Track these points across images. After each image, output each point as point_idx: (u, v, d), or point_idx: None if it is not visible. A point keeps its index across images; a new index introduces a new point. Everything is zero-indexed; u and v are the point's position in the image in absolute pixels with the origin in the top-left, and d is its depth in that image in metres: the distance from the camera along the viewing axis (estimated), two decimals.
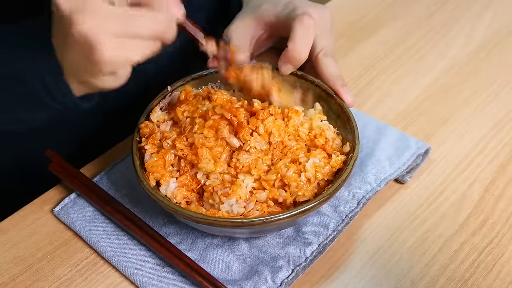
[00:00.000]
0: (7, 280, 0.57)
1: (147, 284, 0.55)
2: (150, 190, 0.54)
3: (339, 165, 0.57)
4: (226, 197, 0.54)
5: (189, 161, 0.57)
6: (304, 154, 0.57)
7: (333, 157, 0.57)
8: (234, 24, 0.70)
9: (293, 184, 0.55)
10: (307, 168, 0.56)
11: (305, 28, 0.64)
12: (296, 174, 0.56)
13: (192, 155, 0.56)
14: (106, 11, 0.44)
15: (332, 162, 0.57)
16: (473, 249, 0.59)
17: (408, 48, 0.84)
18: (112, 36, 0.45)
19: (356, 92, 0.77)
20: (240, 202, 0.55)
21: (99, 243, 0.59)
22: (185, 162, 0.57)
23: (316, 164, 0.56)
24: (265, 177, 0.56)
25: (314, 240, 0.58)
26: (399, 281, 0.57)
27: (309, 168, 0.56)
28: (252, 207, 0.55)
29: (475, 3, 0.91)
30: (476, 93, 0.77)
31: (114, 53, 0.45)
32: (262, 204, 0.55)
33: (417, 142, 0.66)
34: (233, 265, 0.57)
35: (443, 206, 0.63)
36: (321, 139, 0.59)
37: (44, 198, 0.64)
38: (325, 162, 0.57)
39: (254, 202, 0.55)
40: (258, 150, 0.57)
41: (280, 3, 0.70)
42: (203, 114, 0.58)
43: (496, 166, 0.67)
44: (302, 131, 0.59)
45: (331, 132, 0.60)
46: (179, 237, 0.59)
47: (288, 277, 0.55)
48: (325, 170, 0.57)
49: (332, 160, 0.57)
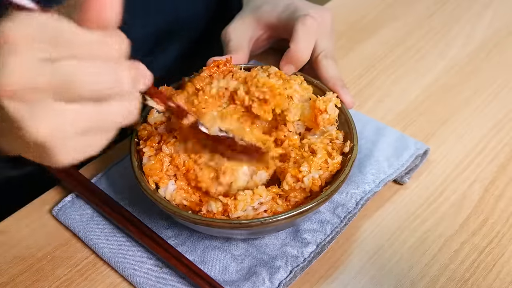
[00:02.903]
0: (7, 280, 0.57)
1: (145, 285, 0.55)
2: (149, 191, 0.54)
3: (337, 168, 0.57)
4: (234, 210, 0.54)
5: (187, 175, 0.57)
6: (306, 161, 0.56)
7: (329, 162, 0.56)
8: (233, 24, 0.70)
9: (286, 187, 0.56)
10: (305, 182, 0.55)
11: (307, 29, 0.64)
12: (293, 179, 0.56)
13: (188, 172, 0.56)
14: (65, 112, 0.37)
15: (330, 167, 0.56)
16: (473, 249, 0.59)
17: (408, 48, 0.84)
18: (71, 137, 0.38)
19: (356, 92, 0.77)
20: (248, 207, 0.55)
21: (97, 243, 0.59)
22: (181, 172, 0.57)
23: (315, 178, 0.55)
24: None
25: (313, 241, 0.58)
26: (399, 281, 0.57)
27: (306, 182, 0.55)
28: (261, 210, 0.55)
29: (475, 3, 0.91)
30: (476, 93, 0.77)
31: (72, 156, 0.39)
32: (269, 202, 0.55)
33: (416, 143, 0.66)
34: (231, 266, 0.57)
35: (443, 206, 0.63)
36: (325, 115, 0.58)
37: (44, 198, 0.64)
38: (324, 168, 0.56)
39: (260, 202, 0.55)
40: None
41: (280, 4, 0.70)
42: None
43: (496, 166, 0.67)
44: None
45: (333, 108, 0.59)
46: (177, 238, 0.59)
47: (286, 278, 0.55)
48: (324, 176, 0.56)
49: (329, 164, 0.56)
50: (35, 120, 0.36)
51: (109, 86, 0.38)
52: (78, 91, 0.37)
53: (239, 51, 0.67)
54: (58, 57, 0.36)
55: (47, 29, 0.36)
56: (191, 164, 0.56)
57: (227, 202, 0.53)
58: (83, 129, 0.38)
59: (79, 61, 0.37)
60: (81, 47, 0.37)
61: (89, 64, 0.37)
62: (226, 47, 0.69)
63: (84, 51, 0.37)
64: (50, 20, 0.37)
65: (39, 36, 0.36)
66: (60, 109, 0.37)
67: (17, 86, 0.35)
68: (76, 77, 0.36)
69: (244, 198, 0.54)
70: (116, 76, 0.38)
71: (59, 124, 0.37)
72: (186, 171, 0.56)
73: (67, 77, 0.36)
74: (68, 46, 0.37)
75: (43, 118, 0.36)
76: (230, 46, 0.68)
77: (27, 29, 0.36)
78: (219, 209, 0.54)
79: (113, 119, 0.39)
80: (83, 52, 0.37)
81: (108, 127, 0.40)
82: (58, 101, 0.37)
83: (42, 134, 0.37)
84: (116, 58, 0.38)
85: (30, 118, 0.36)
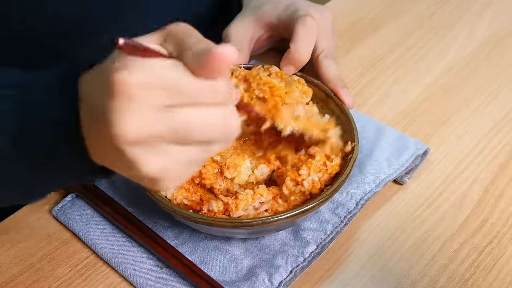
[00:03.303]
0: (7, 280, 0.57)
1: (145, 285, 0.55)
2: (149, 190, 0.54)
3: (336, 170, 0.57)
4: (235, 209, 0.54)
5: None
6: (305, 164, 0.56)
7: (327, 164, 0.56)
8: (233, 24, 0.70)
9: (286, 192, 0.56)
10: (305, 186, 0.55)
11: (307, 29, 0.64)
12: (292, 182, 0.56)
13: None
14: (175, 152, 0.39)
15: (329, 169, 0.56)
16: (473, 249, 0.59)
17: (408, 48, 0.84)
18: (178, 170, 0.40)
19: (356, 92, 0.77)
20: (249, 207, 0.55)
21: (97, 243, 0.59)
22: None
23: (315, 181, 0.56)
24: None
25: (313, 241, 0.58)
26: (399, 281, 0.57)
27: (306, 185, 0.55)
28: (262, 209, 0.55)
29: (475, 3, 0.91)
30: (476, 93, 0.77)
31: (175, 183, 0.42)
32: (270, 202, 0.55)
33: (416, 143, 0.66)
34: (231, 266, 0.57)
35: (443, 206, 0.63)
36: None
37: (44, 198, 0.64)
38: (323, 171, 0.56)
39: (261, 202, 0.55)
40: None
41: (281, 4, 0.70)
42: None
43: (496, 166, 0.67)
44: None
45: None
46: (178, 238, 0.59)
47: (286, 278, 0.55)
48: (323, 178, 0.56)
49: (328, 166, 0.56)
50: (148, 161, 0.39)
51: (219, 132, 0.40)
52: (192, 138, 0.39)
53: (240, 51, 0.67)
54: (175, 104, 0.38)
55: (164, 76, 0.37)
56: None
57: (228, 201, 0.53)
58: (188, 164, 0.41)
59: (194, 109, 0.38)
60: (195, 94, 0.38)
61: (202, 111, 0.39)
62: None
63: (197, 98, 0.38)
64: (165, 67, 0.38)
65: (155, 83, 0.37)
66: (172, 151, 0.39)
67: (136, 135, 0.37)
68: (191, 125, 0.38)
69: (245, 197, 0.54)
70: (225, 123, 0.40)
71: (169, 163, 0.39)
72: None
73: (183, 125, 0.38)
74: (183, 94, 0.38)
75: (156, 159, 0.39)
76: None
77: (144, 77, 0.37)
78: (220, 208, 0.54)
79: (209, 155, 0.42)
80: (197, 100, 0.38)
81: (204, 160, 0.42)
82: (172, 144, 0.39)
83: (152, 172, 0.39)
84: (225, 104, 0.40)
85: (145, 160, 0.38)
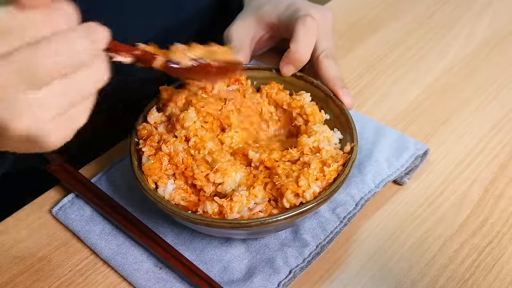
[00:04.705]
0: (7, 280, 0.57)
1: (144, 285, 0.55)
2: (148, 191, 0.54)
3: (334, 175, 0.55)
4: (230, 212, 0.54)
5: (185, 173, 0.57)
6: (302, 173, 0.55)
7: (325, 170, 0.55)
8: (234, 25, 0.70)
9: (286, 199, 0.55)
10: (306, 198, 0.54)
11: (307, 29, 0.64)
12: (293, 194, 0.55)
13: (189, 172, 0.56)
14: (38, 99, 0.37)
15: (327, 175, 0.55)
16: (473, 249, 0.59)
17: (408, 48, 0.84)
18: (53, 119, 0.38)
19: (356, 92, 0.77)
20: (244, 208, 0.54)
21: (97, 243, 0.59)
22: (180, 171, 0.57)
23: (316, 192, 0.54)
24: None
25: (312, 241, 0.58)
26: (399, 281, 0.57)
27: (308, 197, 0.54)
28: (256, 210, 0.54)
29: (475, 3, 0.91)
30: (476, 93, 0.77)
31: (61, 135, 0.39)
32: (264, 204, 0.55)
33: (416, 144, 0.66)
34: (231, 266, 0.57)
35: (443, 206, 0.63)
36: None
37: (44, 198, 0.64)
38: (321, 178, 0.55)
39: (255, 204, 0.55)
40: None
41: (281, 4, 0.70)
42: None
43: (496, 166, 0.67)
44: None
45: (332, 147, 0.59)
46: (177, 238, 0.59)
47: (285, 278, 0.55)
48: (323, 186, 0.55)
49: (326, 172, 0.55)
50: (14, 117, 0.36)
51: (70, 59, 0.37)
52: (43, 75, 0.36)
53: (241, 51, 0.68)
54: (11, 49, 0.35)
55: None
56: (190, 161, 0.56)
57: (223, 203, 0.53)
58: (61, 108, 0.38)
59: (32, 46, 0.36)
60: (29, 30, 0.36)
61: (43, 45, 0.36)
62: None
63: (33, 33, 0.36)
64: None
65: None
66: (33, 98, 0.36)
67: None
68: (35, 63, 0.35)
69: (239, 199, 0.53)
70: (73, 47, 0.37)
71: (37, 112, 0.37)
72: (185, 169, 0.56)
73: (26, 66, 0.35)
74: (16, 35, 0.35)
75: (20, 112, 0.36)
76: (232, 46, 0.68)
77: None
78: (215, 210, 0.53)
79: (86, 87, 0.39)
80: (33, 35, 0.36)
81: (84, 96, 0.39)
82: (29, 90, 0.36)
83: (23, 127, 0.37)
84: (67, 29, 0.37)
85: (9, 115, 0.36)
